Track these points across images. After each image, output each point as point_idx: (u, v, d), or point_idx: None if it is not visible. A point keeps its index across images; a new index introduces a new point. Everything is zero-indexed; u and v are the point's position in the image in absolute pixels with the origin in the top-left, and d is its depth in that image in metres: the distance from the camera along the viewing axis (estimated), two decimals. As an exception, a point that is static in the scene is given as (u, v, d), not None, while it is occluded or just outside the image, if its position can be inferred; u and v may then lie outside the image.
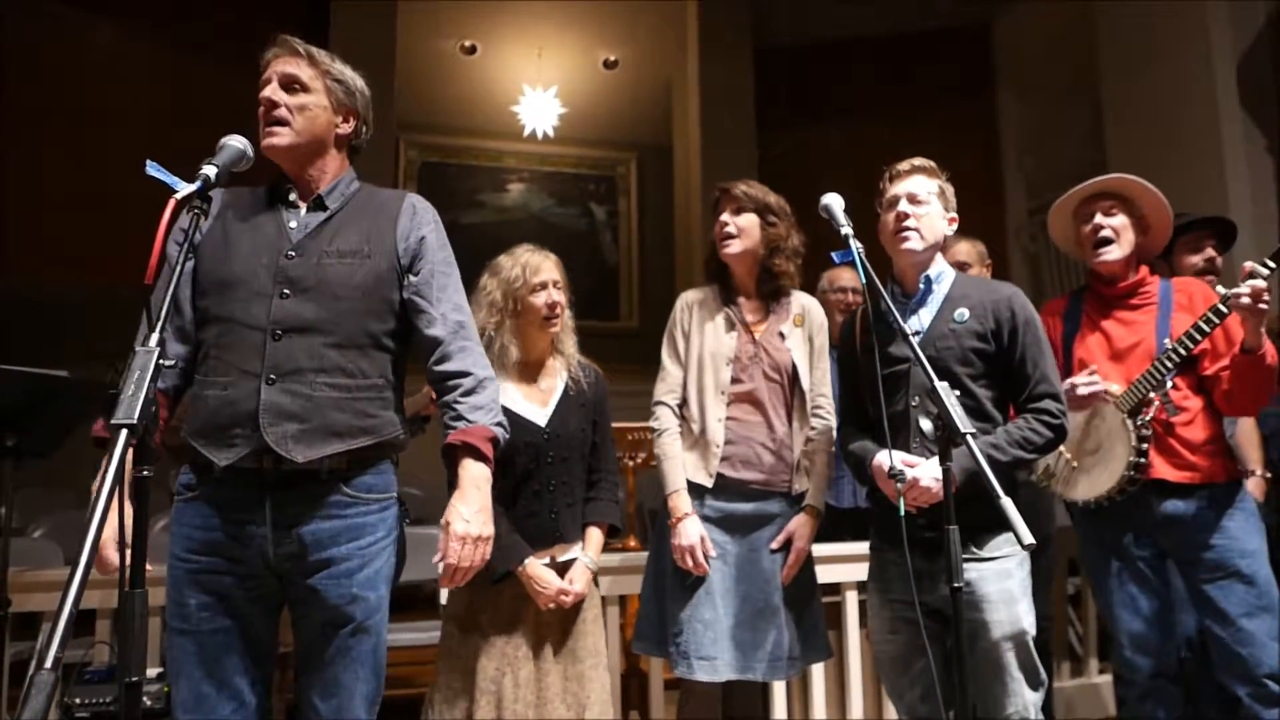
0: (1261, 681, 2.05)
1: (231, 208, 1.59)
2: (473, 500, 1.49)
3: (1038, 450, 1.86)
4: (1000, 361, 1.92)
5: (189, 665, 1.43)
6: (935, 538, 1.65)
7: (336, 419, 1.47)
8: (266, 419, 1.44)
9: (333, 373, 1.49)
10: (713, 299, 2.25)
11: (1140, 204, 2.25)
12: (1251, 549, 2.11)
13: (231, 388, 1.46)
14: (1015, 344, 1.90)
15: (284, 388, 1.45)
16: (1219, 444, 2.18)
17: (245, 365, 1.46)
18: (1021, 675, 1.83)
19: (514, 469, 2.07)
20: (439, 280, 1.60)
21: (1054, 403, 1.89)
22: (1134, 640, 2.20)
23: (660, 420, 2.20)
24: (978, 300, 1.94)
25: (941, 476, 1.73)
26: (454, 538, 1.46)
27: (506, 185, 8.08)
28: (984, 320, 1.91)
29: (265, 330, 1.47)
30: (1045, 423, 1.86)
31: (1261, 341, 2.01)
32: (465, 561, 1.48)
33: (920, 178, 2.00)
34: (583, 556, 2.10)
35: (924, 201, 1.97)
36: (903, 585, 1.89)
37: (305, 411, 1.45)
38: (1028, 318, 1.92)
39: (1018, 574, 1.86)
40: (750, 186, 2.23)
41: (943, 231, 2.00)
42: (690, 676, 2.06)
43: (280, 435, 1.44)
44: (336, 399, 1.48)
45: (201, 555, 1.46)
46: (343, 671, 1.48)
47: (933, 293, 1.99)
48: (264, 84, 1.56)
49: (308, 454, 1.45)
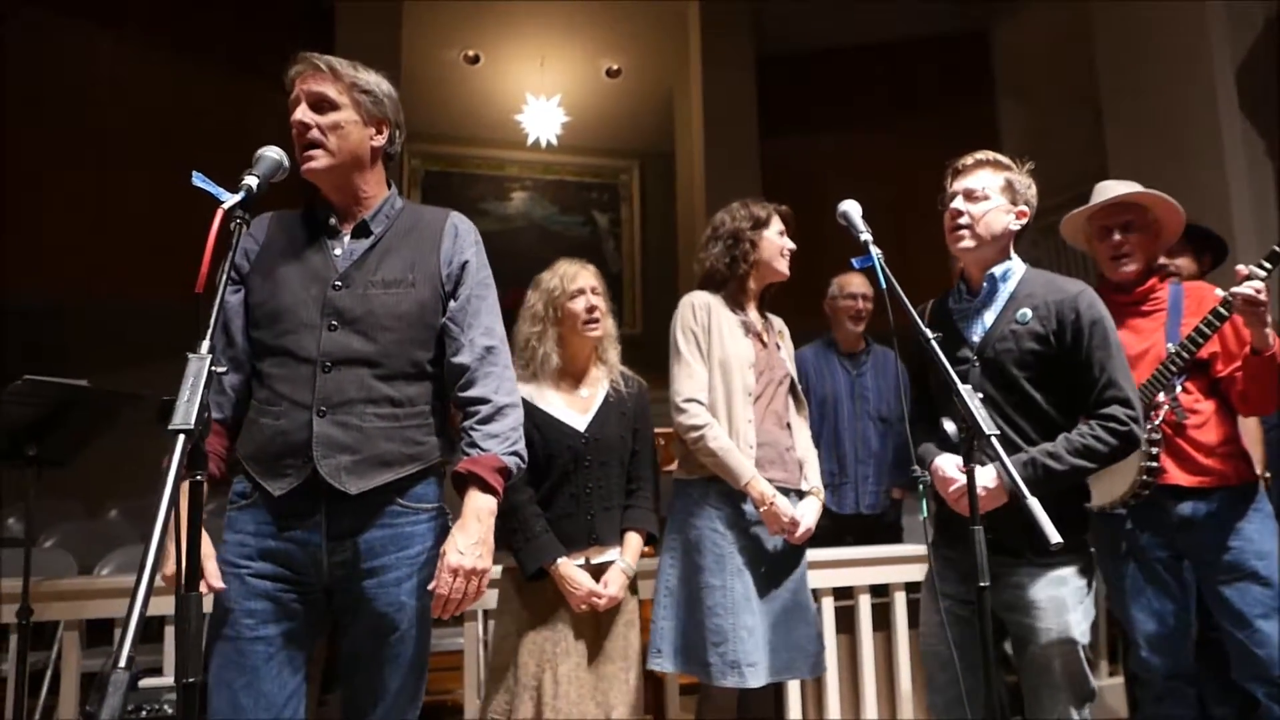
0: (1278, 681, 2.07)
1: (278, 235, 1.60)
2: (472, 532, 1.47)
3: (1101, 460, 1.75)
4: (1063, 364, 1.81)
5: (229, 673, 1.44)
6: (994, 540, 1.61)
7: (387, 449, 1.50)
8: (320, 451, 1.46)
9: (381, 403, 1.51)
10: (720, 304, 2.29)
11: (1154, 211, 2.28)
12: (1268, 550, 2.12)
13: (284, 418, 1.48)
14: (1080, 346, 1.80)
15: (335, 419, 1.47)
16: (1233, 446, 2.19)
17: (297, 396, 1.48)
18: (1065, 683, 1.79)
19: (553, 471, 2.13)
20: (474, 305, 1.61)
21: (1123, 409, 1.76)
22: (1151, 641, 2.21)
23: (699, 415, 2.16)
24: (1042, 299, 1.84)
25: (991, 483, 1.74)
26: (447, 569, 1.44)
27: (510, 194, 8.12)
28: (1046, 321, 1.82)
29: (315, 362, 1.49)
30: (1111, 430, 1.75)
31: (1268, 342, 2.03)
32: (456, 594, 1.44)
33: (984, 172, 1.91)
34: (619, 561, 2.15)
35: (982, 197, 1.89)
36: (959, 583, 1.86)
37: (357, 443, 1.48)
38: (1095, 318, 1.80)
39: (1073, 582, 1.80)
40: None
41: (1005, 225, 1.89)
42: (741, 685, 2.06)
43: (334, 467, 1.46)
44: (386, 429, 1.50)
45: (254, 561, 1.48)
46: (389, 677, 1.50)
47: (998, 292, 1.91)
48: (293, 105, 1.56)
49: (360, 485, 1.47)
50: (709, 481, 2.19)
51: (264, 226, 1.62)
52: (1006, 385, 1.83)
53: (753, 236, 2.29)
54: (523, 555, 2.07)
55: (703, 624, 2.10)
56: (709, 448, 2.13)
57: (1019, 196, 1.92)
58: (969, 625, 1.82)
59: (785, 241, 2.33)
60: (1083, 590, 1.82)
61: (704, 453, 2.14)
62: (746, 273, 2.30)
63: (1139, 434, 1.78)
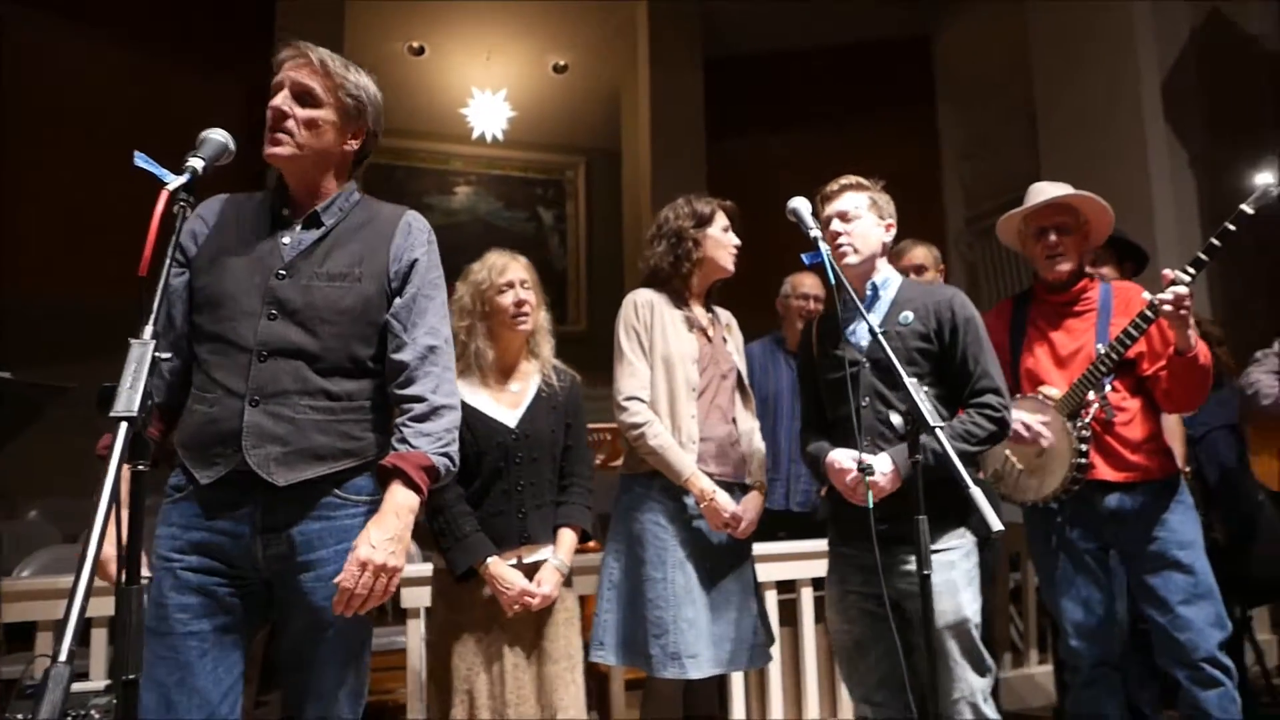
0: (1199, 665, 2.16)
1: (229, 218, 1.57)
2: (389, 527, 1.41)
3: (980, 443, 1.94)
4: (944, 360, 2.00)
5: (161, 670, 1.39)
6: (886, 531, 1.77)
7: (320, 442, 1.47)
8: (249, 441, 1.43)
9: (317, 395, 1.48)
10: (664, 302, 2.30)
11: (1084, 212, 2.36)
12: (1189, 540, 2.22)
13: (217, 406, 1.45)
14: (957, 342, 2.00)
15: (268, 410, 1.44)
16: (1157, 442, 2.28)
17: (230, 385, 1.45)
18: (966, 661, 1.91)
19: (483, 469, 2.08)
20: (420, 304, 1.58)
21: (995, 397, 1.97)
22: (1079, 630, 2.29)
23: (640, 414, 2.18)
24: (921, 303, 2.05)
25: (890, 471, 1.88)
26: (356, 562, 1.38)
27: (454, 188, 8.02)
28: (927, 321, 2.01)
29: (252, 351, 1.46)
30: (987, 416, 1.95)
31: (1191, 344, 2.10)
32: (363, 589, 1.38)
33: (851, 194, 2.10)
34: (553, 558, 2.11)
35: (855, 217, 2.07)
36: (859, 577, 2.00)
37: (289, 434, 1.45)
38: (968, 316, 2.01)
39: (962, 565, 1.95)
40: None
41: (880, 240, 2.10)
42: (682, 676, 2.08)
43: (263, 457, 1.43)
44: (320, 422, 1.47)
45: (187, 555, 1.44)
46: (330, 673, 1.47)
47: (879, 298, 2.09)
48: (275, 89, 1.53)
49: (289, 477, 1.44)
50: (652, 476, 2.20)
51: (215, 209, 1.58)
52: (895, 383, 1.94)
53: (696, 234, 2.30)
54: (452, 555, 2.02)
55: (645, 617, 2.11)
56: (649, 445, 2.15)
57: (883, 211, 2.12)
58: (875, 617, 1.97)
59: (730, 238, 2.34)
60: (971, 572, 1.97)
61: (644, 450, 2.17)
62: (690, 270, 2.31)
63: (1010, 420, 1.99)
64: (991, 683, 1.95)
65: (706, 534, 2.19)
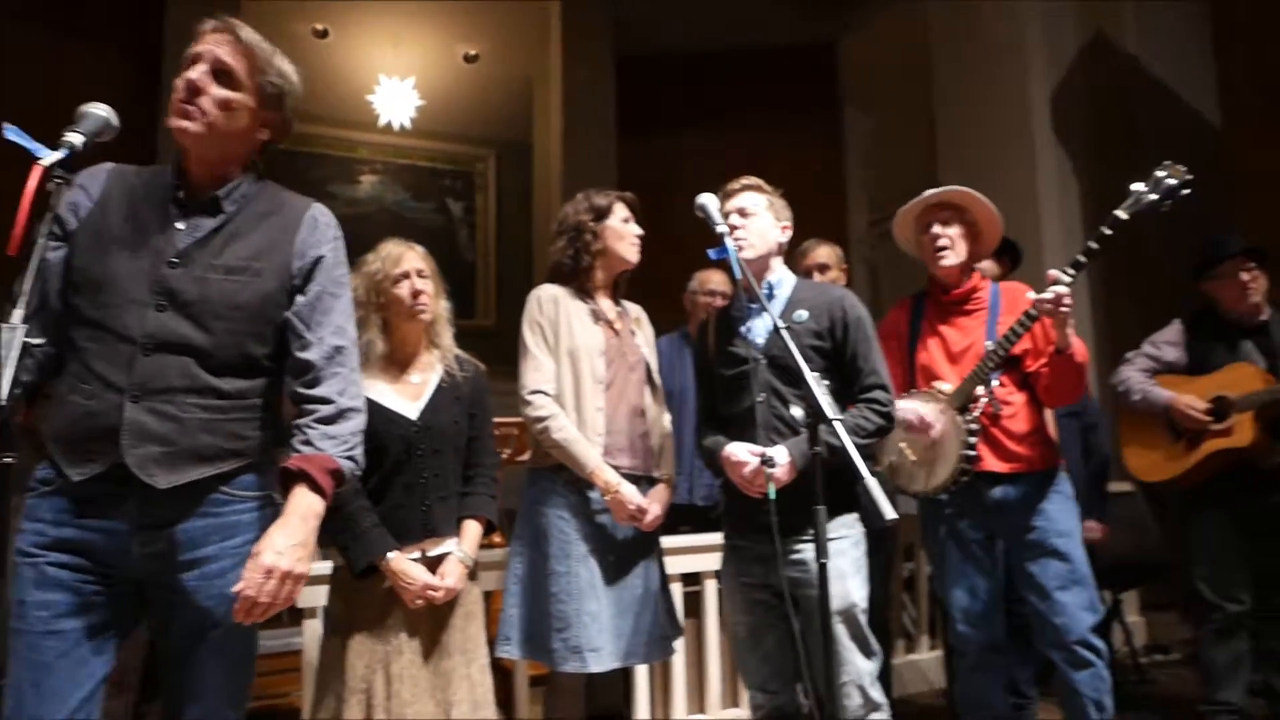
0: (1072, 648, 2.28)
1: (116, 193, 1.45)
2: (294, 532, 1.35)
3: (869, 436, 2.04)
4: (835, 357, 2.09)
5: (17, 669, 1.31)
6: (780, 521, 1.83)
7: (204, 442, 1.39)
8: (128, 440, 1.34)
9: (205, 394, 1.40)
10: (569, 296, 2.29)
11: (973, 214, 2.46)
12: (1067, 529, 2.34)
13: (94, 399, 1.35)
14: (847, 340, 2.09)
15: (150, 406, 1.36)
16: (1040, 434, 2.40)
17: (111, 377, 1.36)
18: (854, 645, 1.98)
19: (384, 463, 2.02)
20: (325, 303, 1.51)
21: (882, 393, 2.08)
22: (967, 616, 2.39)
23: (544, 407, 2.18)
24: (814, 302, 2.13)
25: (786, 463, 1.95)
26: (260, 569, 1.30)
27: (359, 177, 7.77)
28: (820, 320, 2.09)
29: (136, 342, 1.36)
30: (875, 410, 2.05)
31: (1070, 342, 2.22)
32: (265, 596, 1.30)
33: (749, 194, 2.19)
34: (456, 551, 2.07)
35: (753, 214, 2.16)
36: (755, 568, 2.05)
37: (172, 434, 1.36)
38: (858, 316, 2.11)
39: (851, 552, 2.03)
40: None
41: (775, 240, 2.19)
42: (584, 670, 2.08)
43: (142, 458, 1.34)
44: (206, 421, 1.39)
45: (51, 551, 1.35)
46: (210, 674, 1.41)
47: (775, 297, 2.17)
48: (192, 59, 1.42)
49: (170, 479, 1.36)
50: (558, 470, 2.19)
51: (100, 180, 1.46)
52: (791, 380, 2.03)
53: (595, 228, 2.31)
54: (351, 552, 1.96)
55: (548, 611, 2.11)
56: (553, 438, 2.15)
57: (780, 214, 2.21)
58: (769, 607, 2.05)
59: (630, 228, 2.35)
60: (859, 560, 2.05)
61: (549, 443, 2.16)
62: (591, 263, 2.31)
63: (895, 413, 2.10)
64: (879, 666, 2.02)
65: (612, 528, 2.19)
